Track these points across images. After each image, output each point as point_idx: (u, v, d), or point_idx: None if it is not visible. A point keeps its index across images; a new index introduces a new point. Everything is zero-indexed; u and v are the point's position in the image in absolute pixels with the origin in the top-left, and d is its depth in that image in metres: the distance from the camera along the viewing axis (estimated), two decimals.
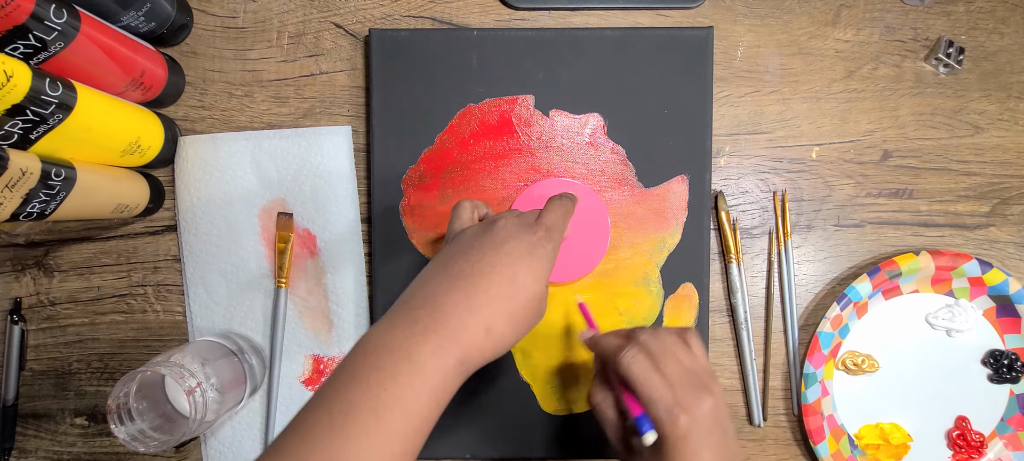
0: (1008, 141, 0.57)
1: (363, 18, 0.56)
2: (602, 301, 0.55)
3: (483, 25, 0.56)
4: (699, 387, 0.37)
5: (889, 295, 0.56)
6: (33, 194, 0.41)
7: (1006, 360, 0.55)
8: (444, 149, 0.55)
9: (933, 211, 0.57)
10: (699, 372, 0.39)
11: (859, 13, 0.56)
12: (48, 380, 0.57)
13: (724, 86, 0.56)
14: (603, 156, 0.55)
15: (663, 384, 0.37)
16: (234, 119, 0.56)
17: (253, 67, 0.56)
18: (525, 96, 0.55)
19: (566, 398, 0.55)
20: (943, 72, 0.56)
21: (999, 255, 0.57)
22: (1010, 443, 0.56)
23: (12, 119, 0.39)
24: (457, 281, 0.35)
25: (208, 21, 0.56)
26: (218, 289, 0.56)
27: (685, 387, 0.37)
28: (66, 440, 0.57)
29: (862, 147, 0.57)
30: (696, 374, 0.38)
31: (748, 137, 0.56)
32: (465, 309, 0.34)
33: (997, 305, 0.55)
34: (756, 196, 0.57)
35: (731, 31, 0.56)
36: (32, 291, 0.57)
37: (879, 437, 0.56)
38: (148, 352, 0.57)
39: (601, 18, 0.56)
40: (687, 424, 0.36)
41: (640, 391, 0.38)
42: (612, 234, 0.55)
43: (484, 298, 0.35)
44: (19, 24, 0.38)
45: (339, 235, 0.55)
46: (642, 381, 0.38)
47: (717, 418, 0.37)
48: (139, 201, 0.53)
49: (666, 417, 0.36)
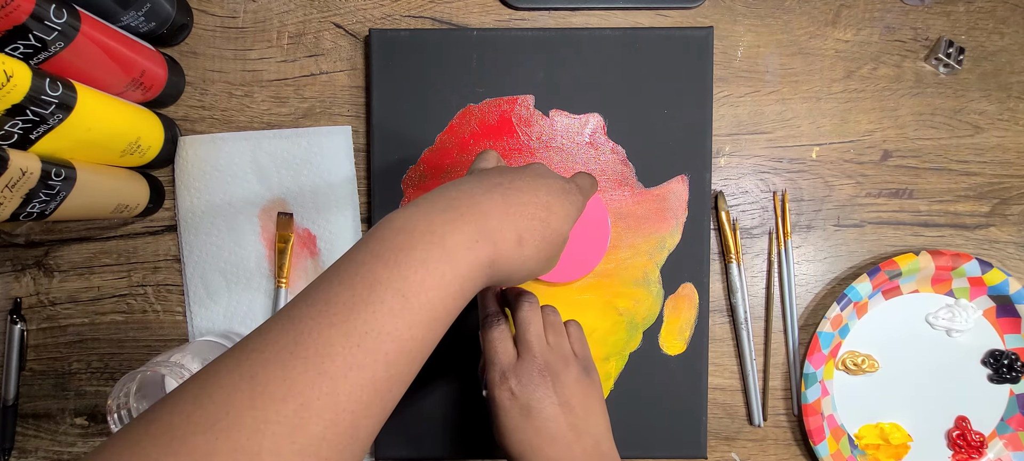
0: (1008, 141, 0.57)
1: (363, 18, 0.56)
2: (602, 301, 0.55)
3: (483, 25, 0.56)
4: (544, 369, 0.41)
5: (889, 295, 0.56)
6: (33, 194, 0.41)
7: (1006, 360, 0.55)
8: (444, 149, 0.55)
9: (933, 211, 0.57)
10: (553, 359, 0.42)
11: (859, 13, 0.56)
12: (48, 380, 0.57)
13: (724, 86, 0.56)
14: (603, 156, 0.55)
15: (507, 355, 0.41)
16: (234, 119, 0.56)
17: (253, 67, 0.56)
18: (525, 96, 0.55)
19: None
20: (943, 72, 0.56)
21: (999, 255, 0.57)
22: (1010, 443, 0.56)
23: (12, 119, 0.39)
24: (495, 188, 0.35)
25: (208, 21, 0.56)
26: (218, 289, 0.56)
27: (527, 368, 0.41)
28: (66, 440, 0.57)
29: (862, 147, 0.57)
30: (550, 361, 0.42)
31: (748, 137, 0.56)
32: (502, 211, 0.34)
33: (997, 305, 0.55)
34: (756, 196, 0.57)
35: (731, 31, 0.56)
36: (32, 291, 0.57)
37: (879, 437, 0.56)
38: (148, 352, 0.57)
39: (601, 18, 0.56)
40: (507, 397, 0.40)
41: (497, 350, 0.41)
42: (612, 234, 0.55)
43: (521, 211, 0.35)
44: (19, 24, 0.38)
45: (339, 235, 0.55)
46: (496, 344, 0.42)
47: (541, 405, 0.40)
48: (139, 201, 0.53)
49: (497, 371, 0.40)
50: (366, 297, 0.28)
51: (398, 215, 0.32)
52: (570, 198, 0.38)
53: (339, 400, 0.26)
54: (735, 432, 0.57)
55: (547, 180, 0.38)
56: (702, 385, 0.55)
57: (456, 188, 0.35)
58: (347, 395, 0.27)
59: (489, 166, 0.41)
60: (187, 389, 0.26)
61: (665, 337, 0.55)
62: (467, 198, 0.34)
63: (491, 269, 0.33)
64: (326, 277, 0.30)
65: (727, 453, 0.57)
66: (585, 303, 0.55)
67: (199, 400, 0.25)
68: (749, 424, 0.57)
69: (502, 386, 0.40)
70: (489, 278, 0.33)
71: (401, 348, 0.28)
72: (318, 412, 0.26)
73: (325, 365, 0.26)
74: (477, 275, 0.32)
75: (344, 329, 0.27)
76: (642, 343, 0.55)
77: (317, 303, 0.28)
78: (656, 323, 0.55)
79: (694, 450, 0.55)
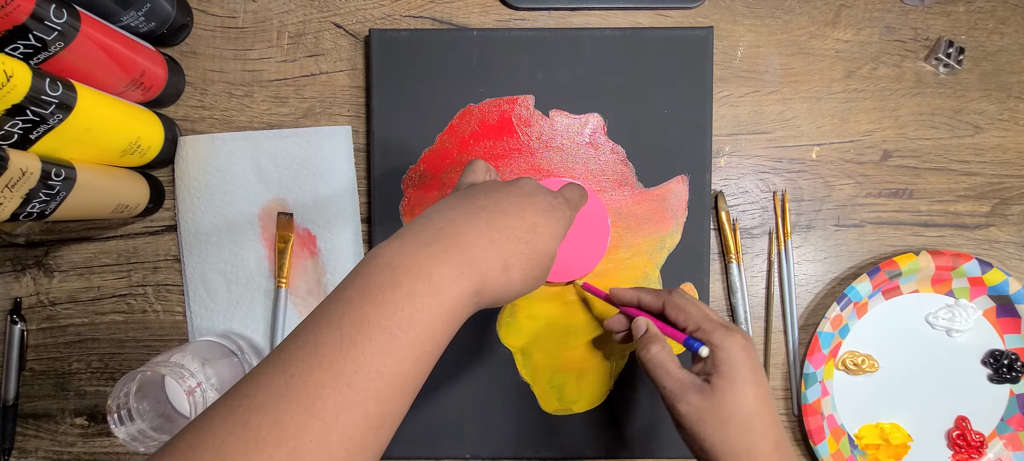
0: (1008, 141, 0.57)
1: (363, 18, 0.56)
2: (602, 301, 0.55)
3: (483, 25, 0.56)
4: None
5: (889, 295, 0.56)
6: (33, 194, 0.41)
7: (1006, 360, 0.55)
8: (444, 149, 0.55)
9: (933, 211, 0.57)
10: None
11: (859, 13, 0.56)
12: (48, 380, 0.57)
13: (724, 86, 0.56)
14: (603, 156, 0.55)
15: (704, 309, 0.44)
16: (234, 119, 0.56)
17: (253, 67, 0.56)
18: (525, 96, 0.55)
19: (566, 398, 0.55)
20: (943, 72, 0.56)
21: (999, 255, 0.57)
22: (1010, 443, 0.56)
23: (12, 119, 0.39)
24: (480, 213, 0.35)
25: (208, 21, 0.56)
26: (218, 289, 0.56)
27: None
28: (66, 440, 0.57)
29: (862, 147, 0.57)
30: None
31: (748, 137, 0.56)
32: (487, 239, 0.34)
33: (997, 305, 0.55)
34: (756, 196, 0.57)
35: (731, 31, 0.56)
36: (32, 291, 0.57)
37: (879, 437, 0.56)
38: (148, 352, 0.57)
39: (601, 18, 0.56)
40: (730, 332, 0.41)
41: (695, 312, 0.43)
42: (612, 234, 0.55)
43: (506, 235, 0.35)
44: (19, 24, 0.38)
45: (339, 235, 0.55)
46: (694, 307, 0.44)
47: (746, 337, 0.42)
48: (139, 201, 0.53)
49: (718, 325, 0.42)
50: (354, 337, 0.28)
51: (383, 249, 0.32)
52: (557, 214, 0.38)
53: (332, 440, 0.27)
54: None
55: (534, 198, 0.37)
56: None
57: (441, 215, 0.35)
58: (340, 435, 0.27)
59: (477, 179, 0.41)
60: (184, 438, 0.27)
61: None
62: (452, 227, 0.34)
63: (478, 297, 0.33)
64: (315, 317, 0.30)
65: None
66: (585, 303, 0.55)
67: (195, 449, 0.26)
68: None
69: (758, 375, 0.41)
70: (476, 306, 0.33)
71: (391, 384, 0.29)
72: (312, 454, 0.26)
73: (316, 407, 0.27)
74: (464, 305, 0.32)
75: (334, 371, 0.27)
76: None
77: (306, 345, 0.28)
78: None
79: None
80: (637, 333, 0.45)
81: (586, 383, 0.55)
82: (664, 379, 0.42)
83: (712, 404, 0.39)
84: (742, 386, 0.39)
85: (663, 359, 0.42)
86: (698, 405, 0.39)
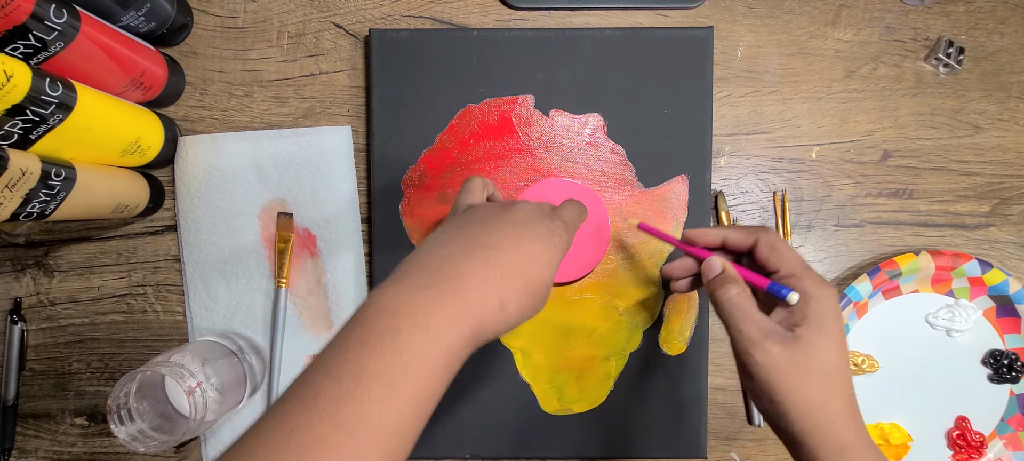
0: (1008, 141, 0.57)
1: (363, 18, 0.56)
2: (602, 301, 0.55)
3: (483, 25, 0.56)
4: None
5: (889, 295, 0.56)
6: (33, 194, 0.41)
7: (1006, 360, 0.55)
8: (444, 149, 0.55)
9: (933, 211, 0.57)
10: None
11: (859, 13, 0.56)
12: (48, 380, 0.57)
13: (724, 86, 0.56)
14: (603, 156, 0.55)
15: (798, 254, 0.42)
16: (234, 119, 0.56)
17: (253, 67, 0.56)
18: (525, 96, 0.55)
19: (566, 398, 0.55)
20: (943, 72, 0.56)
21: (999, 255, 0.57)
22: (1010, 443, 0.56)
23: (12, 119, 0.39)
24: (475, 251, 0.35)
25: (208, 21, 0.56)
26: (218, 289, 0.56)
27: None
28: (66, 440, 0.57)
29: (862, 147, 0.57)
30: None
31: (748, 137, 0.56)
32: (483, 279, 0.34)
33: (997, 305, 0.55)
34: (756, 196, 0.57)
35: (731, 31, 0.56)
36: (32, 291, 0.57)
37: (879, 437, 0.56)
38: (148, 352, 0.57)
39: (601, 18, 0.56)
40: (824, 283, 0.39)
41: (790, 255, 0.41)
42: (612, 234, 0.55)
43: (501, 272, 0.34)
44: (19, 24, 0.38)
45: (339, 235, 0.55)
46: (789, 249, 0.41)
47: None
48: (139, 201, 0.53)
49: (812, 273, 0.40)
50: (352, 388, 0.28)
51: (380, 294, 0.32)
52: (553, 240, 0.38)
53: None
54: (735, 432, 0.57)
55: (531, 226, 0.37)
56: (702, 385, 0.55)
57: (437, 252, 0.35)
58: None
59: (475, 200, 0.41)
60: None
61: (665, 337, 0.55)
62: (449, 268, 0.33)
63: (475, 338, 0.33)
64: (314, 368, 0.30)
65: (727, 453, 0.57)
66: (585, 303, 0.55)
67: None
68: (749, 424, 0.57)
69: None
70: (474, 346, 0.34)
71: (392, 432, 0.29)
72: None
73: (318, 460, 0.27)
74: (462, 348, 0.32)
75: (334, 422, 0.28)
76: (642, 343, 0.55)
77: (306, 397, 0.29)
78: (656, 323, 0.55)
79: (694, 450, 0.55)
80: (712, 273, 0.42)
81: (586, 383, 0.55)
82: (742, 323, 0.39)
83: (794, 355, 0.37)
84: (829, 340, 0.37)
85: (742, 301, 0.39)
86: (778, 355, 0.37)
